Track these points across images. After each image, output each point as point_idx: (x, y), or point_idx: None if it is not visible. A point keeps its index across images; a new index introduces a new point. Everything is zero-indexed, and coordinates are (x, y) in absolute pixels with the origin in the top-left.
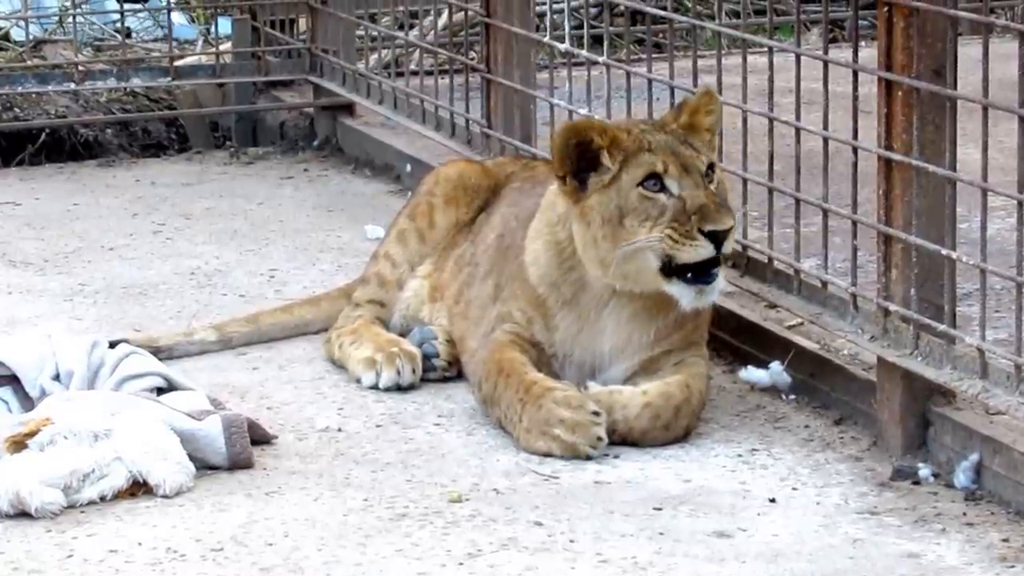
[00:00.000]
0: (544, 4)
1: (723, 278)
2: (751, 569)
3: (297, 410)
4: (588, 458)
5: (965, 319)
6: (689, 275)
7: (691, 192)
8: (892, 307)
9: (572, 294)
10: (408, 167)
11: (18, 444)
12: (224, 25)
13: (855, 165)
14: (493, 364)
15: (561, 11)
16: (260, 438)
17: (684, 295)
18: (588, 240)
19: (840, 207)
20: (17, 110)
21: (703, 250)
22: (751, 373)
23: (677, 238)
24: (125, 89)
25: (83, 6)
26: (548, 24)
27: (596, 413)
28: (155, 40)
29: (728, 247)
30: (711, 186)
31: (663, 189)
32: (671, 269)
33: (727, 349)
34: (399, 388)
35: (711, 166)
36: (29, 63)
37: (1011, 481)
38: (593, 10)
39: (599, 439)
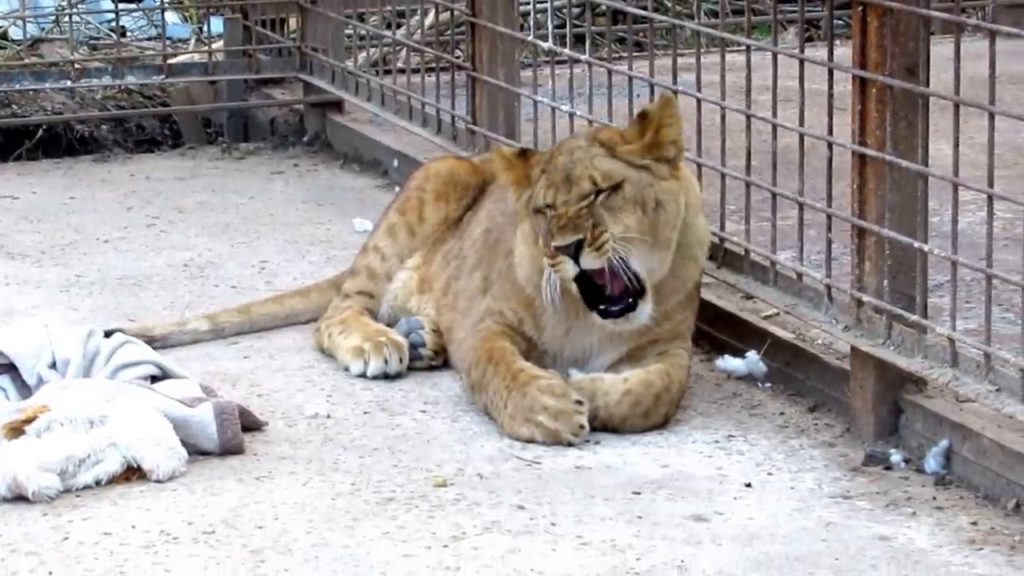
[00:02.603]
0: (528, 4)
1: (642, 309)
2: (727, 551)
3: (287, 397)
4: (569, 445)
5: (936, 309)
6: (602, 307)
7: (554, 200)
8: (865, 298)
9: (559, 295)
10: (395, 162)
11: (16, 430)
12: (216, 24)
13: (830, 160)
14: (483, 352)
15: (544, 11)
16: (251, 425)
17: (603, 323)
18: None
19: (815, 201)
20: (15, 107)
21: (569, 268)
22: (728, 362)
23: (549, 258)
24: (120, 86)
25: (79, 6)
26: (532, 23)
27: (579, 402)
28: (149, 39)
29: (588, 262)
30: (597, 199)
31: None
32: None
33: (705, 338)
34: (386, 376)
35: (617, 186)
36: (27, 61)
37: (980, 466)
38: (575, 10)
39: (581, 427)
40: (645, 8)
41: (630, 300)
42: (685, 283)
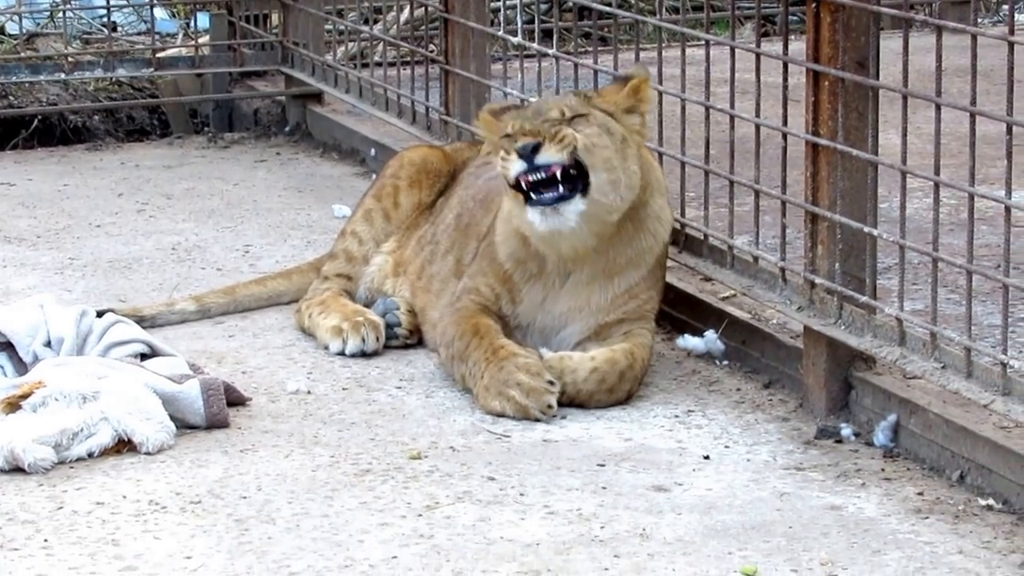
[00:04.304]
0: (498, 0)
1: (576, 204)
2: (686, 520)
3: (270, 374)
4: (537, 420)
5: (885, 291)
6: (532, 196)
7: (521, 126)
8: (818, 280)
9: (538, 268)
10: (372, 151)
11: (12, 405)
12: (202, 20)
13: (784, 150)
14: (468, 326)
15: (514, 7)
16: (235, 400)
17: (534, 217)
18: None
19: (771, 188)
20: (11, 98)
21: (515, 164)
22: (687, 341)
23: (501, 158)
24: (111, 79)
25: (73, 2)
26: (502, 19)
27: (551, 383)
28: (139, 33)
29: (545, 157)
30: (562, 127)
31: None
32: (524, 196)
33: (666, 318)
34: (364, 354)
35: (577, 116)
36: (23, 55)
37: (926, 440)
38: (543, 6)
39: (549, 407)
40: (609, 5)
41: (567, 191)
42: (644, 256)
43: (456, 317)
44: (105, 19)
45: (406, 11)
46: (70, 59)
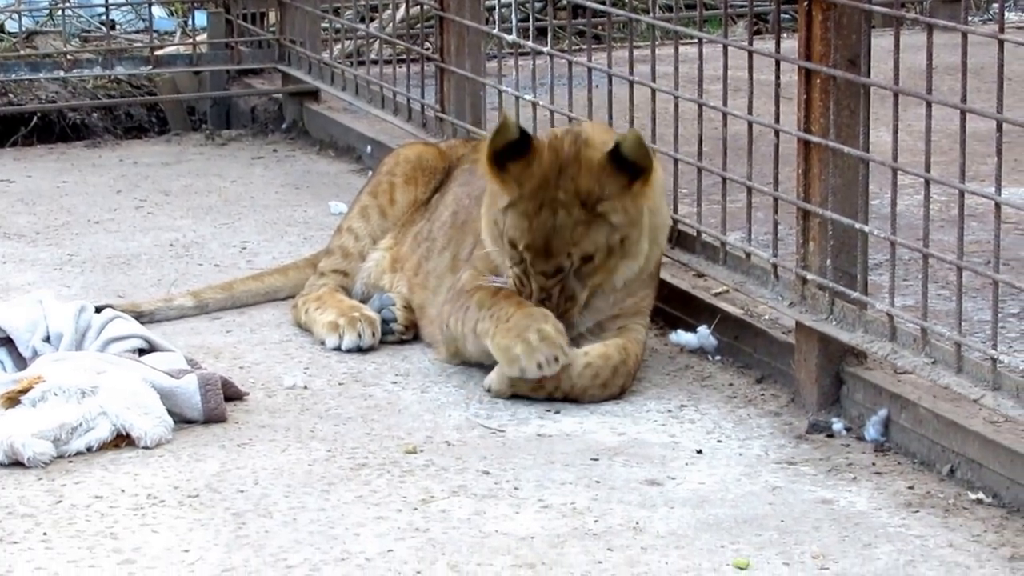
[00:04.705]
0: None
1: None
2: (679, 514)
3: (267, 369)
4: (538, 367)
5: (876, 287)
6: None
7: (532, 266)
8: (809, 276)
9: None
10: (369, 148)
11: (12, 400)
12: (200, 18)
13: (777, 147)
14: (489, 291)
15: (509, 5)
16: (233, 395)
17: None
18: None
19: (763, 185)
20: (11, 95)
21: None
22: (680, 336)
23: (509, 268)
24: (110, 76)
25: (71, 0)
26: (497, 17)
27: (565, 349)
28: (137, 31)
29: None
30: (570, 270)
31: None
32: None
33: (659, 314)
34: (360, 350)
35: (591, 256)
36: (22, 53)
37: (916, 434)
38: (538, 4)
39: (556, 359)
40: (603, 3)
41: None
42: (648, 264)
43: (472, 288)
44: (104, 17)
45: (402, 9)
46: (69, 57)
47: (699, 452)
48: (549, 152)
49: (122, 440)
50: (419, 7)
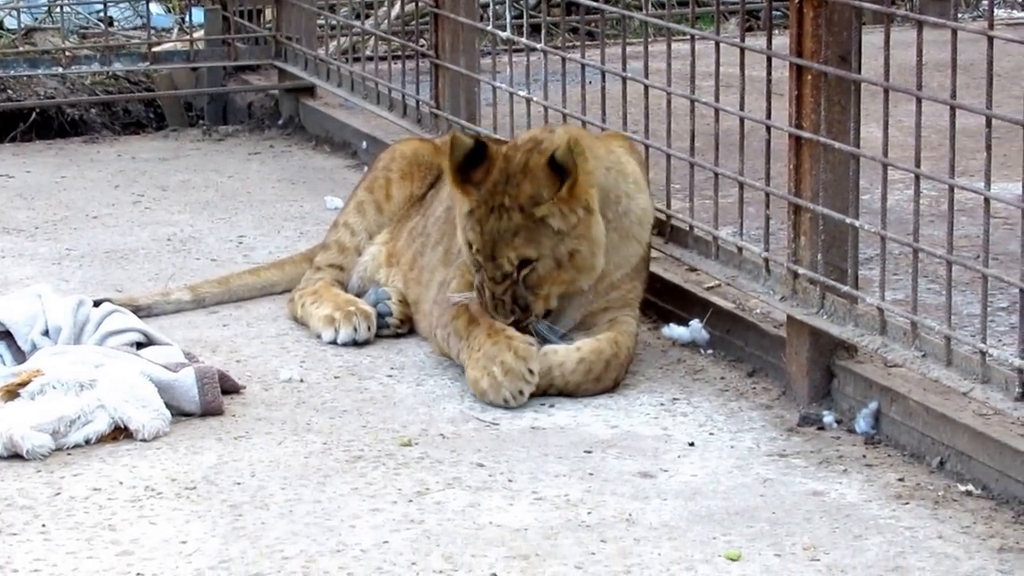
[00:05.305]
0: None
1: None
2: (671, 506)
3: (263, 363)
4: (504, 402)
5: (866, 281)
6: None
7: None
8: (800, 270)
9: None
10: (364, 144)
11: (11, 393)
12: (197, 15)
13: (768, 142)
14: (465, 319)
15: (503, 2)
16: (230, 388)
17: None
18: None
19: (755, 180)
20: (10, 91)
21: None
22: (673, 330)
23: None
24: (108, 73)
25: None
26: (491, 14)
27: (531, 372)
28: (135, 28)
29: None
30: (519, 277)
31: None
32: None
33: (652, 308)
34: (355, 343)
35: (530, 261)
36: (21, 49)
37: (906, 427)
38: (532, 1)
39: (520, 393)
40: (596, 0)
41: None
42: (628, 259)
43: (453, 310)
44: (102, 14)
45: (397, 6)
46: (67, 53)
47: (691, 445)
48: (502, 160)
49: (120, 433)
50: (414, 4)
